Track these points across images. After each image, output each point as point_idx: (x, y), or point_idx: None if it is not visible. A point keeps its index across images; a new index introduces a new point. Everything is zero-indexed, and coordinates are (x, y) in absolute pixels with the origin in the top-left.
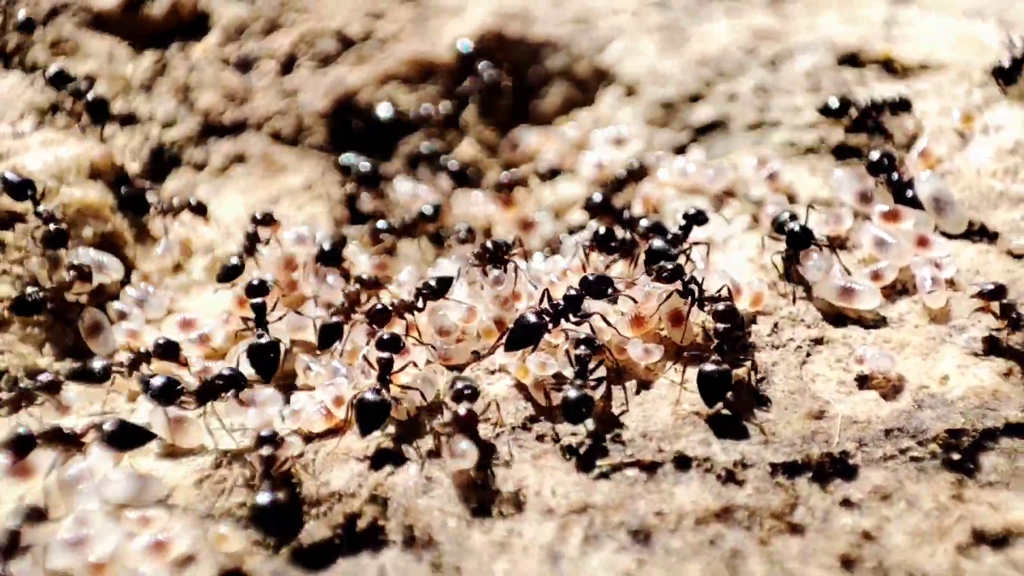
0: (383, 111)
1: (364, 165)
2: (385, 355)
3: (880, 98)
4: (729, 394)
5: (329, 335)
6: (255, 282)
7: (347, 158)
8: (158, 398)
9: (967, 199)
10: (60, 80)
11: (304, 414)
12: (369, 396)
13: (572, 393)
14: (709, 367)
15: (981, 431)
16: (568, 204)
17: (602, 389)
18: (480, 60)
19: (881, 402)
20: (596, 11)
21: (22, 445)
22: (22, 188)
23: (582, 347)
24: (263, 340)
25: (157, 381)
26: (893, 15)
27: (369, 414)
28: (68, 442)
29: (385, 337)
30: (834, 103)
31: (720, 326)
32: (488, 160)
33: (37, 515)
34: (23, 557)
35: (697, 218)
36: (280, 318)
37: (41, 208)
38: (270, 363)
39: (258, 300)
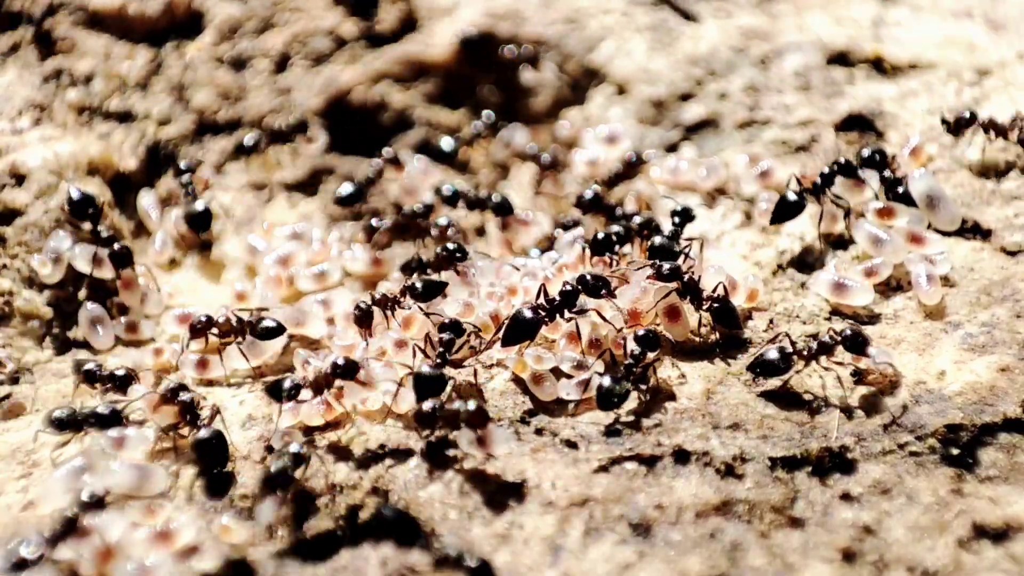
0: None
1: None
2: (447, 336)
3: None
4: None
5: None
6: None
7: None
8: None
9: (959, 197)
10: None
11: (304, 408)
12: (425, 370)
13: (606, 382)
14: (773, 354)
15: (979, 426)
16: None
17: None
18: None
19: (879, 397)
20: (586, 11)
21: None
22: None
23: (642, 344)
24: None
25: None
26: (881, 15)
27: (426, 386)
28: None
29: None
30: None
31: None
32: (482, 159)
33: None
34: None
35: (686, 215)
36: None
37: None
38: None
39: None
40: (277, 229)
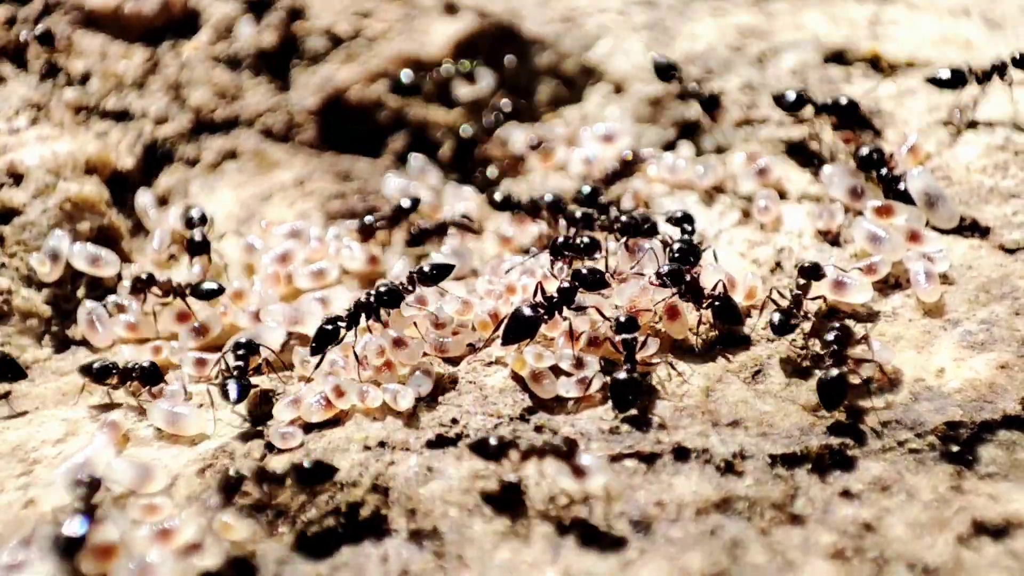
0: None
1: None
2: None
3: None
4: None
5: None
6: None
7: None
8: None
9: (957, 194)
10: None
11: (303, 404)
12: (621, 375)
13: (621, 375)
14: (833, 372)
15: (979, 423)
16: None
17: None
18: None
19: (878, 394)
20: (583, 9)
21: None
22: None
23: (624, 332)
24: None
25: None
26: (878, 13)
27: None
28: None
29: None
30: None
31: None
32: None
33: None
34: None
35: (688, 219)
36: None
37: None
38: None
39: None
40: (275, 227)
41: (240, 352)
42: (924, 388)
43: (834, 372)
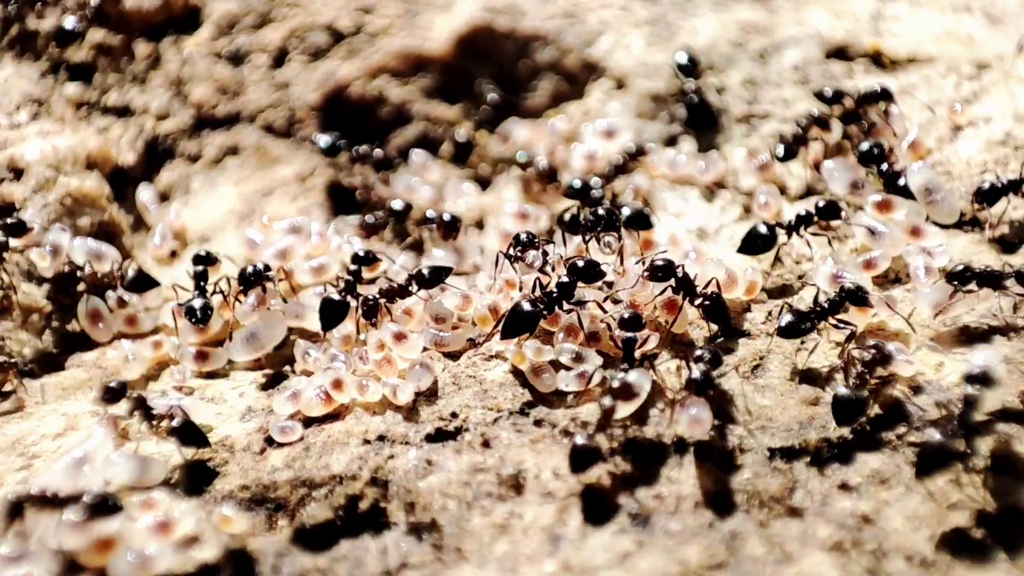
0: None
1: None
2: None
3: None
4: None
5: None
6: None
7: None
8: None
9: (957, 189)
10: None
11: (303, 398)
12: (631, 377)
13: (631, 377)
14: (843, 391)
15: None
16: None
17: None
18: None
19: (877, 388)
20: (585, 5)
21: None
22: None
23: (626, 329)
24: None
25: None
26: (880, 9)
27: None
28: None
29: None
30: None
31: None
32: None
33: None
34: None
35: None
36: None
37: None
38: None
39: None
40: (276, 223)
41: (199, 268)
42: (924, 382)
43: (844, 391)
